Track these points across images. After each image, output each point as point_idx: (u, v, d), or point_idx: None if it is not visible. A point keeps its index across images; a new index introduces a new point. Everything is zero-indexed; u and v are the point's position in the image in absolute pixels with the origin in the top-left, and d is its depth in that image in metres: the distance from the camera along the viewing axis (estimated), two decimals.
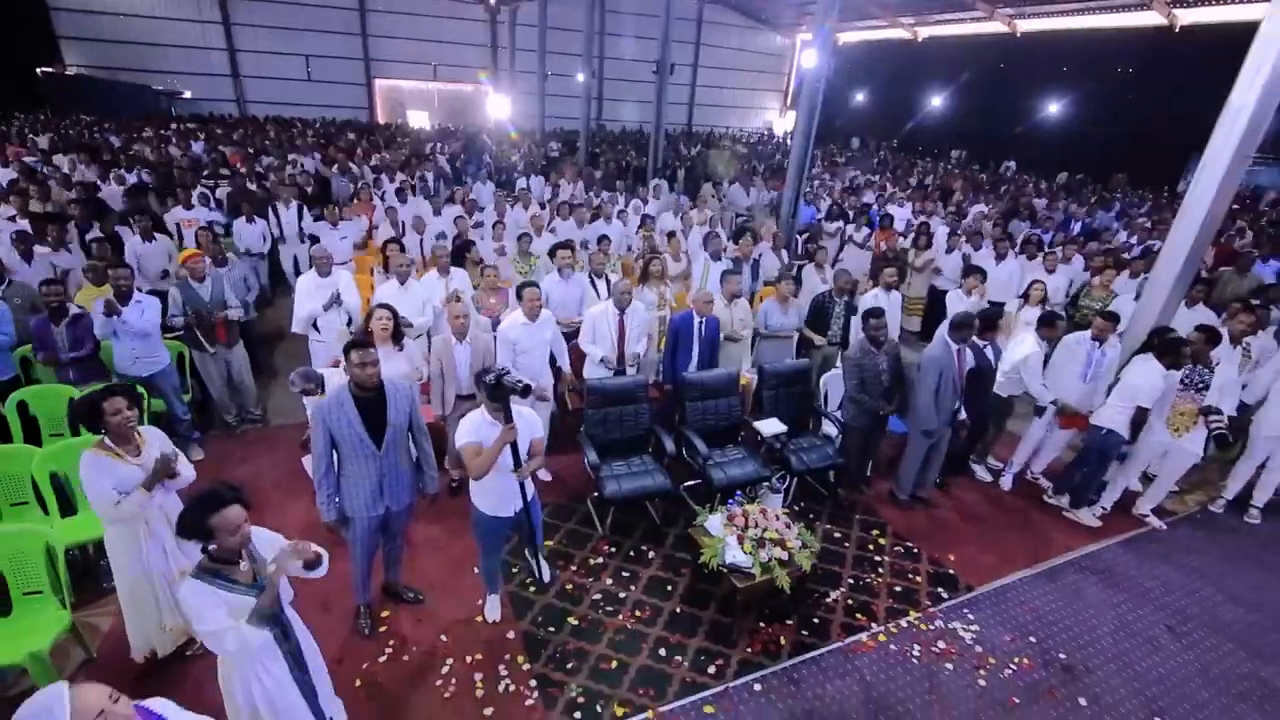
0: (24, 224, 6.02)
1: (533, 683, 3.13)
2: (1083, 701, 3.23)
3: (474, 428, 2.92)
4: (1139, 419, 4.40)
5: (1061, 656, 3.51)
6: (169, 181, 9.18)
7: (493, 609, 3.53)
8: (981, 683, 3.30)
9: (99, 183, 8.84)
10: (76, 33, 22.81)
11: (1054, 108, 23.16)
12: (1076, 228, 11.21)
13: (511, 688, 3.11)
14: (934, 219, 9.96)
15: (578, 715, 2.98)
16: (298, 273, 8.16)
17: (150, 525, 2.82)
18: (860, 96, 29.14)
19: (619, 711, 3.01)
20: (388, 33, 26.64)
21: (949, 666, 3.39)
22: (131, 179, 9.20)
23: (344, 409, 2.88)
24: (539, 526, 3.39)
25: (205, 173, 10.37)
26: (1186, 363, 4.43)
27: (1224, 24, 15.55)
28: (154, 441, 2.84)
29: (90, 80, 22.80)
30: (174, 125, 18.36)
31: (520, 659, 3.27)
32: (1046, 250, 7.81)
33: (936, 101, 26.32)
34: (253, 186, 9.16)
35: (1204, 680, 3.43)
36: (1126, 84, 21.05)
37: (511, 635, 3.42)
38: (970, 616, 3.75)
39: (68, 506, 3.63)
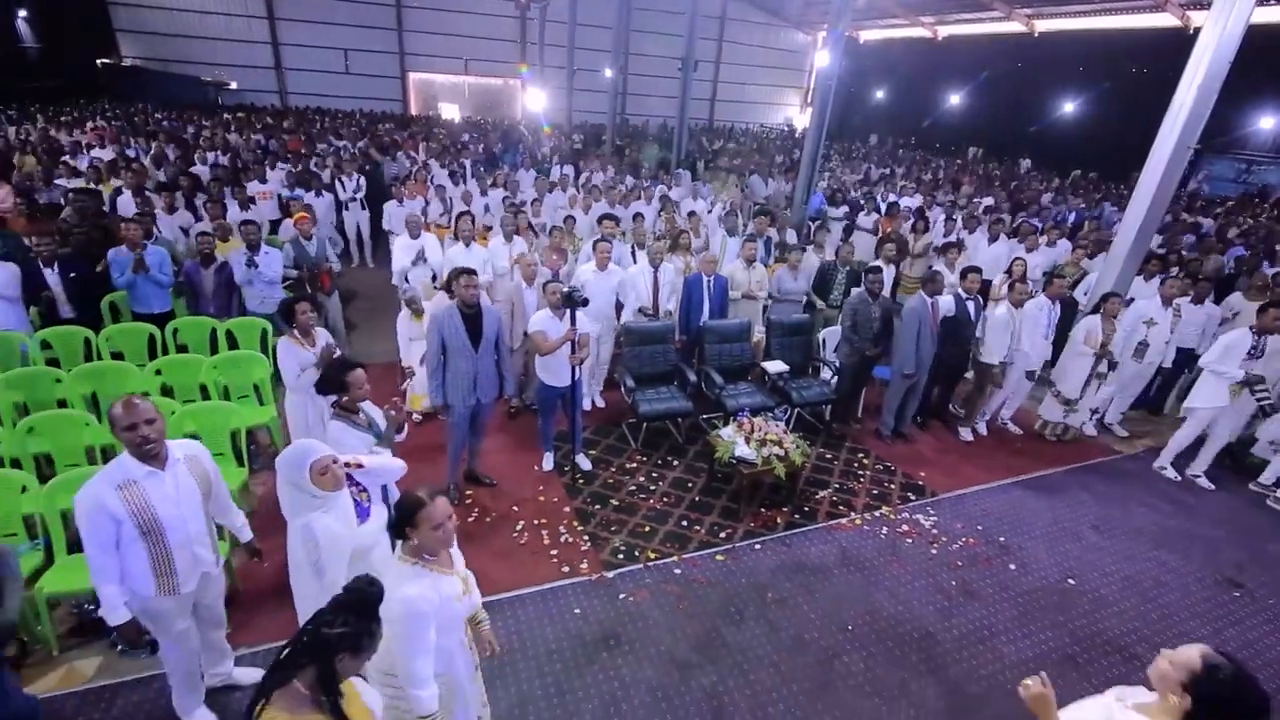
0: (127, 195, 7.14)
1: (586, 538, 4.12)
2: (1012, 566, 4.15)
3: (542, 320, 4.33)
4: None
5: (1001, 539, 4.42)
6: (240, 164, 10.32)
7: (548, 462, 4.84)
8: (934, 552, 4.23)
9: (183, 163, 10.00)
10: (132, 26, 24.09)
11: (1070, 107, 23.61)
12: (1072, 218, 12.00)
13: (570, 540, 4.10)
14: (935, 208, 10.76)
15: (620, 556, 3.97)
16: (359, 239, 9.30)
17: (313, 397, 3.84)
18: (880, 94, 29.70)
19: (651, 556, 3.99)
20: (422, 28, 27.67)
21: (909, 541, 4.32)
22: (211, 160, 10.35)
23: (453, 319, 3.91)
24: (580, 402, 4.73)
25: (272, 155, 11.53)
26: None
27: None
28: (322, 336, 3.90)
29: (144, 71, 24.12)
30: (227, 115, 19.57)
31: (575, 523, 4.26)
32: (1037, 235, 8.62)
33: (955, 99, 26.83)
34: (315, 169, 10.27)
35: (1114, 559, 4.33)
36: (1141, 84, 21.44)
37: (567, 509, 4.41)
38: (932, 512, 4.67)
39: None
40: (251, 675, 2.98)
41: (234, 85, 26.23)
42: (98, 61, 23.27)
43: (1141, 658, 3.51)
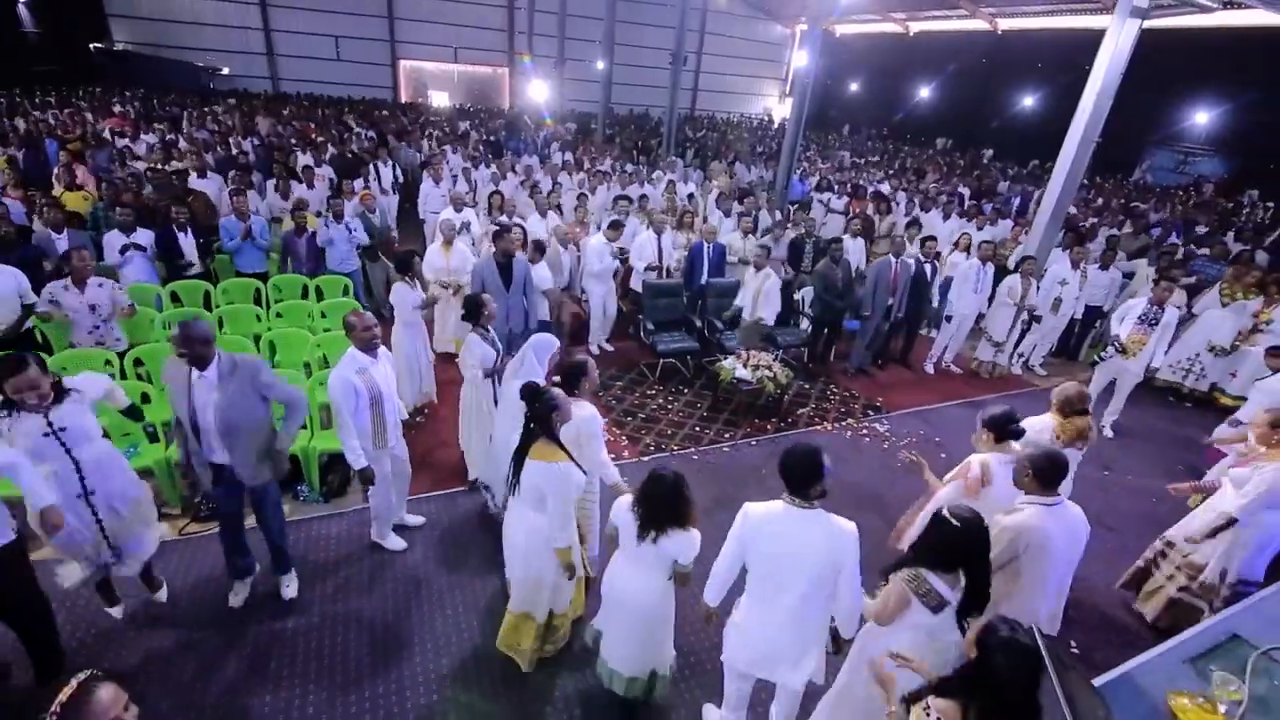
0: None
1: (624, 438, 5.40)
2: (943, 455, 5.51)
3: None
4: None
5: (937, 439, 5.81)
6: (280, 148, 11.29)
7: None
8: (885, 447, 5.61)
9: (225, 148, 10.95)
10: (123, 11, 24.22)
11: (1030, 101, 25.29)
12: (1025, 202, 13.53)
13: (611, 439, 5.36)
14: (899, 193, 12.16)
15: (651, 448, 5.26)
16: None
17: (420, 330, 5.05)
18: (855, 86, 31.13)
19: (675, 448, 5.29)
20: (412, 16, 28.19)
21: (867, 440, 5.70)
22: (248, 146, 11.31)
23: (490, 267, 5.13)
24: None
25: (293, 142, 12.48)
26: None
27: (1176, 29, 17.73)
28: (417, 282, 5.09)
29: (137, 56, 24.30)
30: (228, 101, 20.16)
31: (614, 429, 5.53)
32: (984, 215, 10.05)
33: (925, 93, 28.34)
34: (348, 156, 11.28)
35: None
36: None
37: (605, 421, 5.65)
38: (886, 423, 6.05)
39: None
40: (415, 519, 4.22)
41: (226, 71, 26.54)
42: (90, 46, 23.46)
43: None
